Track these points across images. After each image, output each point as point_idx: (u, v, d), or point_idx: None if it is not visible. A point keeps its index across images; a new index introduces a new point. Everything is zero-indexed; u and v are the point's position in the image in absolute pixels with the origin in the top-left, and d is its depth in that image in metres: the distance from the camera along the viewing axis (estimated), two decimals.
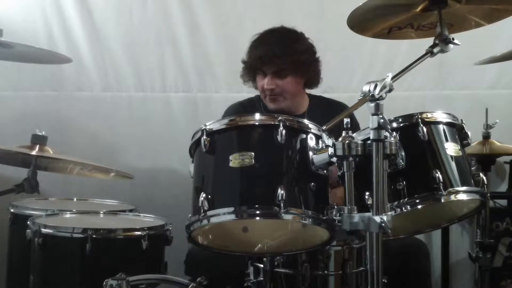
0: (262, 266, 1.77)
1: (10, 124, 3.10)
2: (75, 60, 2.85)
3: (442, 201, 1.62)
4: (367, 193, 1.52)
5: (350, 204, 1.52)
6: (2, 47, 2.27)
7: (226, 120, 1.65)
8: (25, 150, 2.24)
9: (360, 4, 1.75)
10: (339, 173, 1.57)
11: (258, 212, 1.53)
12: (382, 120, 1.46)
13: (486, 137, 2.73)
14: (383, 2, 1.80)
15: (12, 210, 2.39)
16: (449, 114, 1.76)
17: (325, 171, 1.60)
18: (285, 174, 1.58)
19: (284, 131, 1.56)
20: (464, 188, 1.67)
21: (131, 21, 3.16)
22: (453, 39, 1.76)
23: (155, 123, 3.18)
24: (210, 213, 1.54)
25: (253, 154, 1.56)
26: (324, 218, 1.56)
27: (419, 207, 1.63)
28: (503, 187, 3.08)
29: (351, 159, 1.51)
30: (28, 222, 2.11)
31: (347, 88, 3.07)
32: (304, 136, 1.61)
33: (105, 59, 3.17)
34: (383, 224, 1.43)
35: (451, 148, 1.70)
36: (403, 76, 1.73)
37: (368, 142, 1.49)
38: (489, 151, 2.72)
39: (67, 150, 2.63)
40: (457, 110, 1.82)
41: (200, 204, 1.55)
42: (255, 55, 2.39)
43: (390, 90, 1.51)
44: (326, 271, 1.74)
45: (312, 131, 1.63)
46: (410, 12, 1.84)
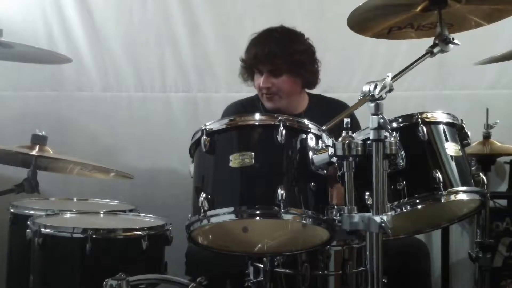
0: (262, 266, 1.77)
1: (10, 124, 3.10)
2: (75, 60, 2.85)
3: (442, 201, 1.62)
4: (367, 193, 1.52)
5: (350, 204, 1.52)
6: (2, 47, 2.27)
7: (226, 120, 1.65)
8: (25, 150, 2.24)
9: (360, 4, 1.75)
10: (339, 173, 1.57)
11: (258, 212, 1.53)
12: (382, 120, 1.46)
13: (486, 137, 2.73)
14: (383, 2, 1.80)
15: (12, 210, 2.39)
16: (449, 114, 1.76)
17: (325, 171, 1.60)
18: (285, 174, 1.58)
19: (284, 131, 1.56)
20: (464, 188, 1.67)
21: (131, 21, 3.16)
22: (453, 39, 1.76)
23: (155, 123, 3.18)
24: (210, 213, 1.54)
25: (253, 154, 1.56)
26: (324, 218, 1.56)
27: (419, 207, 1.63)
28: (503, 187, 3.08)
29: (351, 159, 1.51)
30: (28, 222, 2.11)
31: (347, 88, 3.06)
32: (304, 136, 1.61)
33: (105, 59, 3.17)
34: (383, 224, 1.43)
35: (451, 148, 1.70)
36: (403, 76, 1.73)
37: (368, 142, 1.49)
38: (489, 151, 2.72)
39: (67, 150, 2.62)
40: (457, 110, 1.82)
41: (200, 204, 1.55)
42: (252, 54, 2.39)
43: (390, 90, 1.51)
44: (326, 271, 1.74)
45: (312, 131, 1.63)
46: (410, 12, 1.83)
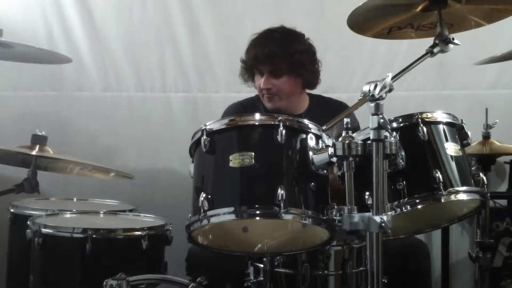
0: (262, 266, 1.77)
1: (10, 124, 3.10)
2: (75, 60, 2.85)
3: (442, 201, 1.62)
4: (367, 193, 1.52)
5: (350, 204, 1.52)
6: (2, 47, 2.27)
7: (226, 120, 1.64)
8: (25, 150, 2.24)
9: (360, 4, 1.75)
10: (339, 173, 1.57)
11: (258, 212, 1.53)
12: (382, 120, 1.46)
13: (486, 137, 2.73)
14: (383, 2, 1.80)
15: (12, 210, 2.39)
16: (449, 114, 1.76)
17: (325, 171, 1.60)
18: (285, 174, 1.58)
19: (284, 131, 1.56)
20: (464, 188, 1.67)
21: (131, 21, 3.16)
22: (453, 39, 1.76)
23: (155, 123, 3.18)
24: (210, 213, 1.54)
25: (253, 154, 1.55)
26: (324, 218, 1.56)
27: (419, 207, 1.63)
28: (503, 187, 3.08)
29: (351, 159, 1.51)
30: (28, 222, 2.11)
31: (347, 88, 3.06)
32: (304, 136, 1.61)
33: (105, 59, 3.17)
34: (383, 224, 1.43)
35: (451, 148, 1.70)
36: (403, 76, 1.72)
37: (368, 142, 1.49)
38: (489, 151, 2.72)
39: (67, 150, 2.62)
40: (457, 110, 1.82)
41: (200, 204, 1.54)
42: (252, 54, 2.39)
43: (390, 90, 1.51)
44: (326, 271, 1.74)
45: (312, 131, 1.62)
46: (410, 12, 1.83)
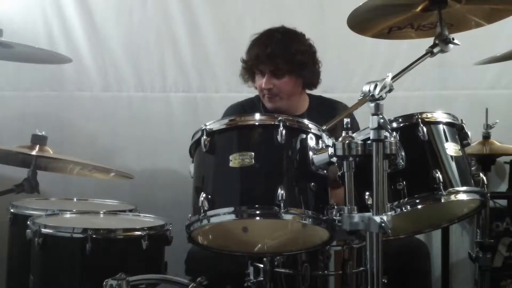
0: (262, 266, 1.77)
1: (10, 124, 3.09)
2: (75, 60, 2.85)
3: (442, 201, 1.62)
4: (367, 193, 1.52)
5: (350, 204, 1.52)
6: (2, 47, 2.27)
7: (226, 120, 1.65)
8: (25, 150, 2.24)
9: (360, 4, 1.75)
10: (339, 173, 1.57)
11: (258, 212, 1.53)
12: (382, 120, 1.46)
13: (486, 137, 2.73)
14: (383, 2, 1.80)
15: (12, 210, 2.39)
16: (449, 114, 1.76)
17: (325, 171, 1.60)
18: (285, 174, 1.58)
19: (284, 131, 1.56)
20: (464, 188, 1.67)
21: (131, 21, 3.16)
22: (453, 39, 1.76)
23: (155, 123, 3.17)
24: (210, 213, 1.54)
25: (253, 154, 1.56)
26: (324, 218, 1.56)
27: (419, 207, 1.63)
28: (503, 187, 3.08)
29: (351, 159, 1.51)
30: (28, 222, 2.11)
31: (347, 88, 3.06)
32: (304, 136, 1.61)
33: (105, 59, 3.16)
34: (383, 224, 1.43)
35: (451, 148, 1.70)
36: (403, 76, 1.72)
37: (368, 142, 1.49)
38: (489, 151, 2.71)
39: (67, 150, 2.63)
40: (457, 110, 1.83)
41: (200, 204, 1.55)
42: (253, 54, 2.39)
43: (390, 90, 1.51)
44: (326, 271, 1.74)
45: (312, 131, 1.63)
46: (410, 12, 1.83)
